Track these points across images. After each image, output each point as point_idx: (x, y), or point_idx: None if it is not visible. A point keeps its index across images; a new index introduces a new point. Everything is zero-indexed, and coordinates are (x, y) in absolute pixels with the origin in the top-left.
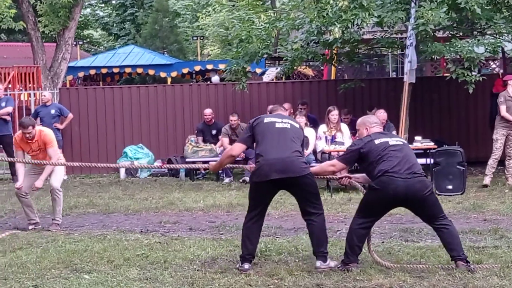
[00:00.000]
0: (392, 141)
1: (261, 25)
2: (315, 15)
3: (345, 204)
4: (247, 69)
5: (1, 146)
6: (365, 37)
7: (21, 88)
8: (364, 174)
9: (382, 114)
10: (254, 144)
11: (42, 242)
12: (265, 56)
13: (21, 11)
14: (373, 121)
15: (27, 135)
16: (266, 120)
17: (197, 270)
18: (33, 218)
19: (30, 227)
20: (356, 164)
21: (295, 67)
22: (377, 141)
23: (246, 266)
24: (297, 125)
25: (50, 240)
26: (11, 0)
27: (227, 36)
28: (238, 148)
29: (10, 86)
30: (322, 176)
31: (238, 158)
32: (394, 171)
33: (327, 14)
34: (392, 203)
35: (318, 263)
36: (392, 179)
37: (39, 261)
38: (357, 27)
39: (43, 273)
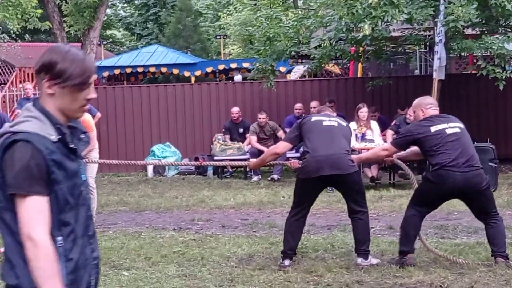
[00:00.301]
0: (450, 128)
1: (289, 23)
2: (345, 12)
3: (376, 201)
4: (274, 67)
5: None
6: (393, 34)
7: None
8: (404, 151)
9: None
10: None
11: None
12: (292, 53)
13: (46, 11)
14: (429, 102)
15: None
16: (313, 118)
17: (235, 267)
18: None
19: None
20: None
21: (322, 65)
22: (433, 129)
23: (287, 262)
24: (344, 124)
25: None
26: (37, 0)
27: (249, 35)
28: (283, 147)
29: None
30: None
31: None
32: (452, 165)
33: (356, 11)
34: (449, 196)
35: (359, 260)
36: (450, 173)
37: None
38: (386, 24)
39: None
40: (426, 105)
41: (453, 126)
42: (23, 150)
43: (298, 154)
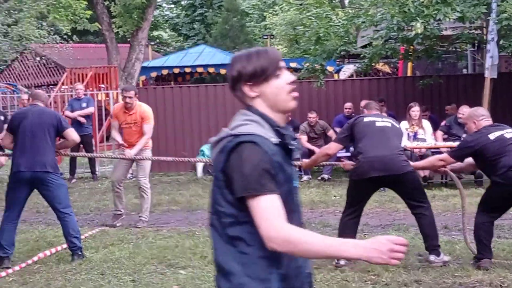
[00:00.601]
0: (508, 133)
1: (339, 22)
2: (396, 10)
3: (431, 201)
4: (324, 67)
5: (82, 146)
6: (444, 33)
7: (101, 87)
8: (460, 163)
9: (466, 109)
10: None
11: (133, 239)
12: (343, 53)
13: (96, 12)
14: (481, 114)
15: (127, 100)
16: (366, 119)
17: None
18: (120, 209)
19: (116, 223)
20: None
21: (373, 64)
22: (491, 136)
23: (342, 262)
24: (397, 125)
25: (140, 237)
26: (86, 2)
27: (295, 34)
28: (334, 148)
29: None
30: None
31: None
32: None
33: (408, 9)
34: None
35: (432, 257)
36: None
37: (133, 257)
38: (438, 22)
39: (139, 268)
40: (478, 117)
41: (510, 132)
42: (251, 151)
43: (348, 154)
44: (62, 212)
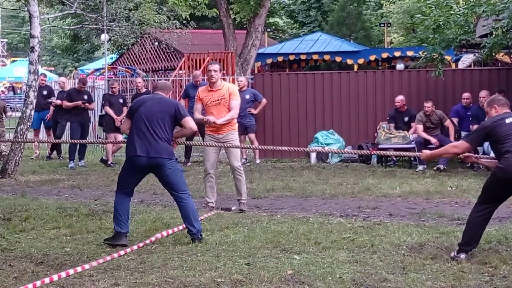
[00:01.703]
0: None
1: (459, 10)
2: None
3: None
4: (443, 56)
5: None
6: None
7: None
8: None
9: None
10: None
11: (247, 223)
12: (462, 42)
13: (215, 0)
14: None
15: (212, 73)
16: (508, 120)
17: (406, 255)
18: (211, 201)
19: (231, 207)
20: None
21: (494, 54)
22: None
23: (463, 256)
24: None
25: (254, 221)
26: None
27: (413, 23)
28: (464, 147)
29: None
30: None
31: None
32: None
33: None
34: None
35: None
36: None
37: (248, 240)
38: None
39: (254, 252)
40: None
41: None
42: None
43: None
44: (178, 196)
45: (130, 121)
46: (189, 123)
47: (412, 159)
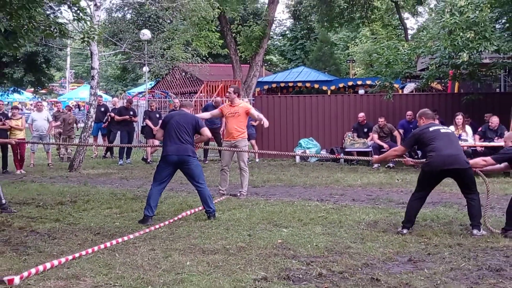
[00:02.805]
0: None
1: (404, 51)
2: (448, 43)
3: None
4: (393, 85)
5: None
6: (484, 61)
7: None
8: (498, 164)
9: (495, 119)
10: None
11: (249, 205)
12: (406, 74)
13: (225, 41)
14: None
15: (228, 95)
16: (431, 128)
17: (364, 229)
18: (223, 189)
19: (237, 193)
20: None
21: (429, 83)
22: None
23: (405, 231)
24: (452, 130)
25: (254, 204)
26: (219, 33)
27: (371, 60)
28: (401, 150)
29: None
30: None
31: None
32: None
33: (457, 43)
34: None
35: (475, 231)
36: None
37: (249, 218)
38: (479, 53)
39: (253, 226)
40: None
41: None
42: None
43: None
44: (198, 185)
45: (163, 130)
46: (206, 131)
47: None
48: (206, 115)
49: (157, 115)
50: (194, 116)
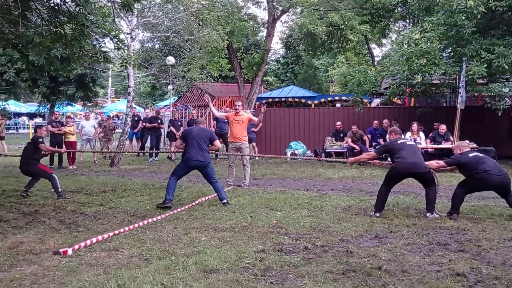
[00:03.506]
0: (479, 154)
1: (372, 74)
2: (406, 68)
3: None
4: (362, 99)
5: (221, 140)
6: (434, 82)
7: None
8: (448, 167)
9: (443, 126)
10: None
11: (250, 193)
12: (373, 91)
13: (232, 66)
14: (464, 145)
15: (236, 107)
16: (400, 141)
17: (340, 213)
18: (230, 181)
19: (241, 184)
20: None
21: (391, 99)
22: (471, 155)
23: (378, 214)
24: (412, 139)
25: (254, 192)
26: (227, 60)
27: (346, 80)
28: (373, 155)
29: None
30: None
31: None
32: (490, 170)
33: (413, 67)
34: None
35: (428, 214)
36: (491, 175)
37: (250, 203)
38: (430, 75)
39: (254, 210)
40: (463, 147)
41: (479, 154)
42: None
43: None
44: (212, 182)
45: (182, 141)
46: (217, 143)
47: (345, 157)
48: (219, 114)
49: (179, 123)
50: (209, 130)
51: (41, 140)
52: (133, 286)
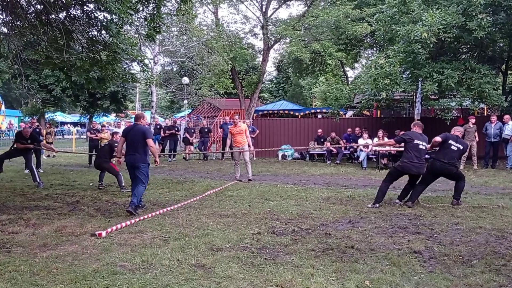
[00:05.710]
0: (455, 146)
1: (346, 91)
2: (373, 86)
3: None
4: (339, 111)
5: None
6: (396, 97)
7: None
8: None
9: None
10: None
11: (249, 187)
12: (348, 105)
13: (235, 84)
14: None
15: (234, 119)
16: (415, 141)
17: (321, 202)
18: (237, 176)
19: (243, 179)
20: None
21: (362, 111)
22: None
23: (377, 205)
24: (425, 145)
25: (252, 186)
26: (231, 80)
27: (326, 96)
28: (392, 143)
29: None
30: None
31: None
32: (440, 158)
33: (379, 86)
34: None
35: (397, 201)
36: (437, 163)
37: (249, 195)
38: (392, 92)
39: (252, 200)
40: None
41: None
42: None
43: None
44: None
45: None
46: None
47: (325, 158)
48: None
49: (192, 130)
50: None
51: (116, 144)
52: (155, 262)
